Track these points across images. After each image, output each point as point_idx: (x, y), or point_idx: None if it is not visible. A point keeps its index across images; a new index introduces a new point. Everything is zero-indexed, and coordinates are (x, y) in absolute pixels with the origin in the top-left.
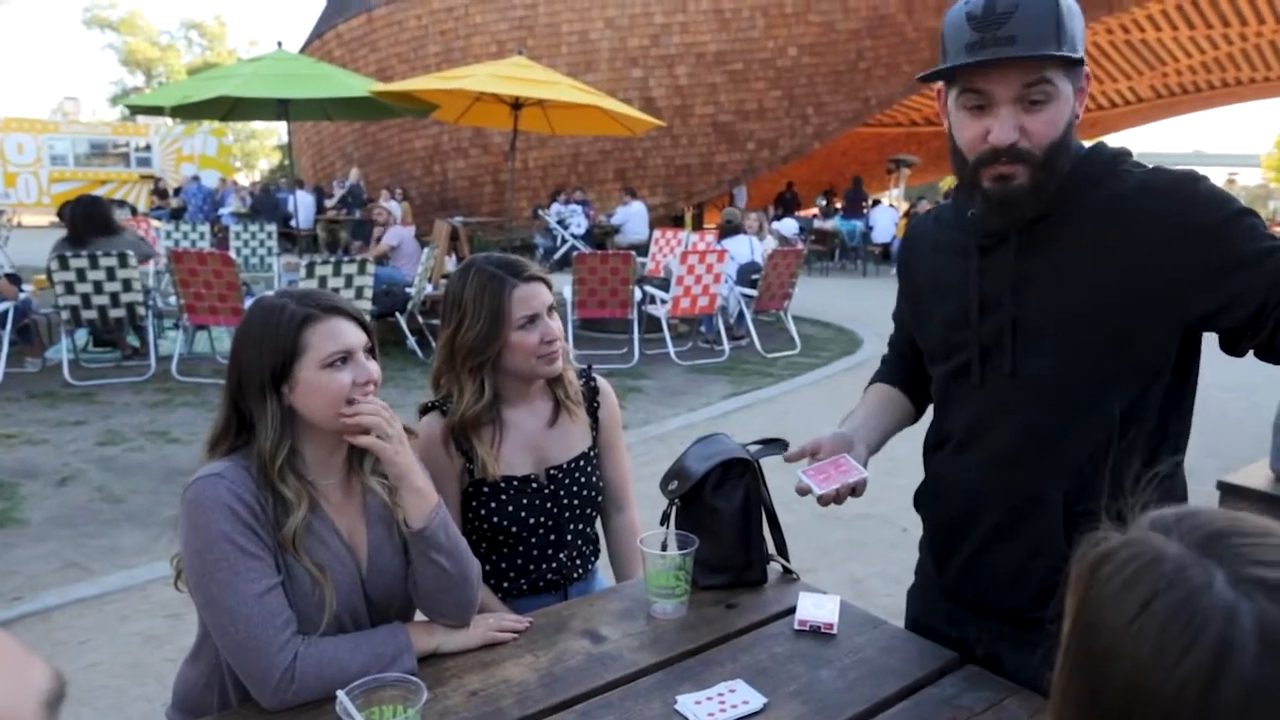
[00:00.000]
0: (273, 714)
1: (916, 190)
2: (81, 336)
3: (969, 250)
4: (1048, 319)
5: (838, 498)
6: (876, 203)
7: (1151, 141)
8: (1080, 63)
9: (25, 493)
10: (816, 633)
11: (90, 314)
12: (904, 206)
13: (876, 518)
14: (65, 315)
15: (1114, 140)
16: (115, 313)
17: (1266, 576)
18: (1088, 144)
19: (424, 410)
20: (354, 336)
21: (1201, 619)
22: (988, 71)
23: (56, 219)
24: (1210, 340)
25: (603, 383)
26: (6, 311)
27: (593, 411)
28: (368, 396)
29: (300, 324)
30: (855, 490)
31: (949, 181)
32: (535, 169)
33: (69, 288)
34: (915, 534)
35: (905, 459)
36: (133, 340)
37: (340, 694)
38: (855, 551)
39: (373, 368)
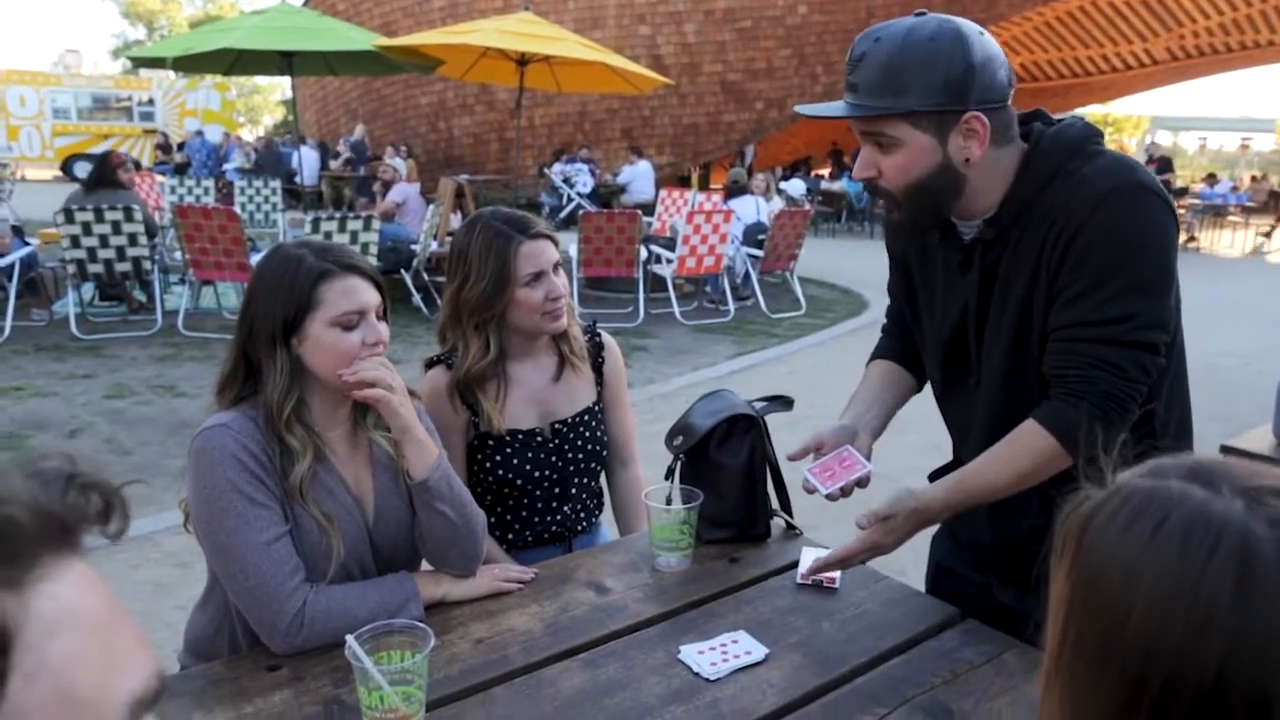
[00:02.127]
0: (281, 658)
1: None
2: (88, 290)
3: (949, 261)
4: (999, 338)
5: (844, 493)
6: None
7: (1165, 105)
8: (951, 112)
9: (35, 444)
10: (819, 587)
11: (96, 268)
12: None
13: (882, 475)
14: (72, 269)
15: (1128, 104)
16: (121, 266)
17: (1265, 485)
18: (1063, 120)
19: (429, 364)
20: (368, 296)
21: (1218, 524)
22: None
23: (60, 173)
24: (1201, 312)
25: (608, 338)
26: (13, 265)
27: (597, 367)
28: (375, 357)
29: (317, 278)
30: (861, 484)
31: None
32: (541, 126)
33: (75, 241)
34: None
35: (910, 416)
36: (139, 295)
37: (350, 638)
38: (860, 508)
39: (383, 329)
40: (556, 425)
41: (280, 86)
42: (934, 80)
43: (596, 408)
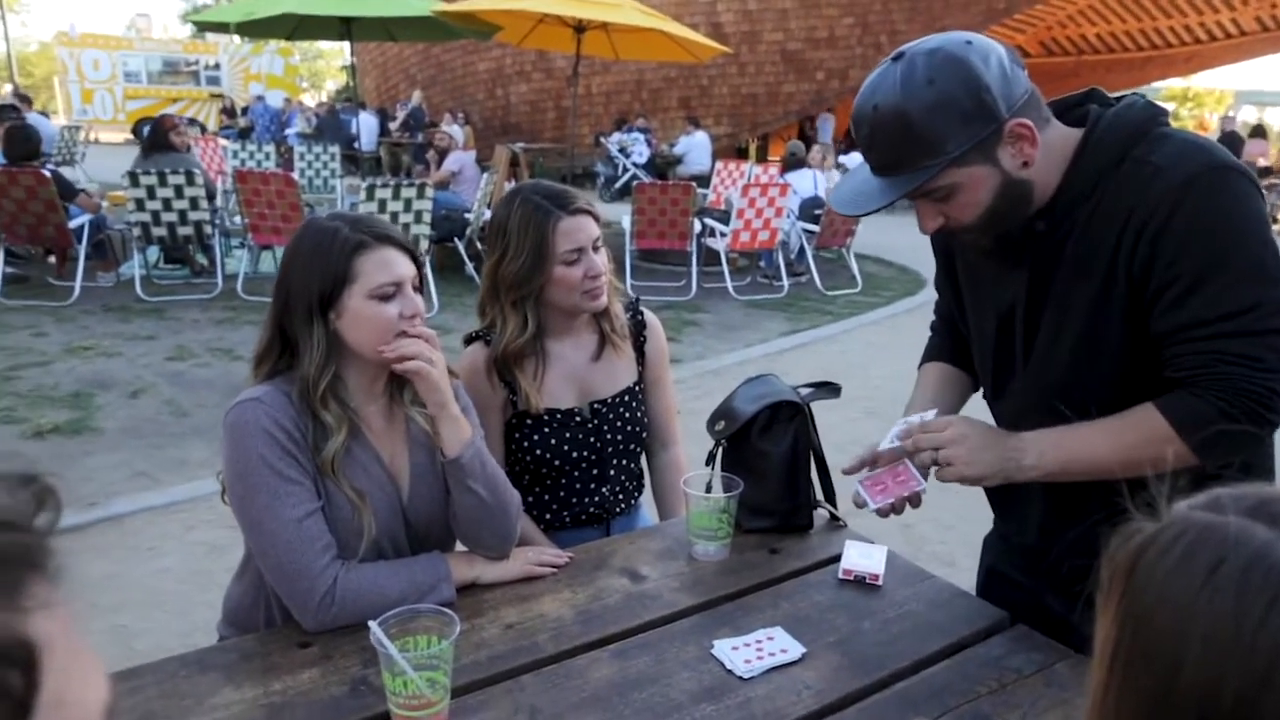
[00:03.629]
0: (313, 635)
1: None
2: (153, 253)
3: (998, 256)
4: (1059, 338)
5: (895, 510)
6: None
7: (1251, 79)
8: (989, 135)
9: (100, 403)
10: (861, 583)
11: (160, 231)
12: None
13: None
14: (137, 232)
15: (1210, 77)
16: (183, 230)
17: None
18: (1121, 98)
19: (468, 340)
20: (404, 268)
21: (1279, 574)
22: None
23: (131, 136)
24: None
25: (650, 317)
26: (83, 226)
27: (639, 346)
28: (415, 329)
29: (353, 251)
30: (913, 501)
31: None
32: (598, 95)
33: (140, 204)
34: None
35: (965, 405)
36: (201, 258)
37: (372, 624)
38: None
39: (419, 301)
40: (596, 405)
41: (342, 52)
42: (954, 122)
43: (637, 388)
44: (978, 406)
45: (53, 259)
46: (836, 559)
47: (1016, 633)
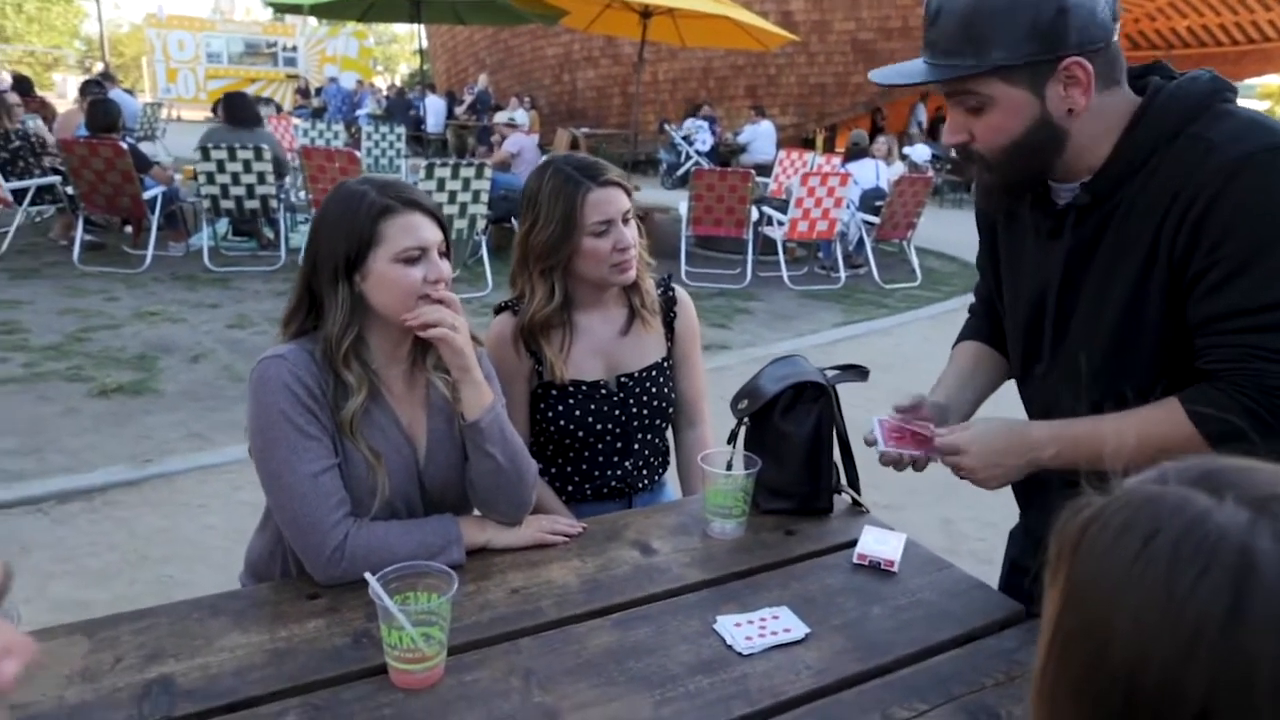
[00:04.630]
0: (322, 588)
1: None
2: (223, 226)
3: (1038, 228)
4: (1096, 319)
5: (897, 462)
6: None
7: None
8: (1046, 61)
9: (162, 366)
10: (876, 569)
11: (228, 204)
12: None
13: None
14: (206, 204)
15: None
16: (250, 204)
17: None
18: (1187, 74)
19: (498, 310)
20: (430, 233)
21: (1215, 539)
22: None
23: (211, 114)
24: None
25: (681, 293)
26: (157, 197)
27: (669, 322)
28: (438, 293)
29: (379, 214)
30: (917, 465)
31: None
32: (665, 81)
33: (210, 178)
34: None
35: (1017, 401)
36: (267, 231)
37: (369, 577)
38: (949, 492)
39: (445, 266)
40: (622, 379)
41: (415, 35)
42: (1021, 28)
43: (665, 364)
44: (1007, 402)
45: (129, 229)
46: (853, 544)
47: (1032, 626)
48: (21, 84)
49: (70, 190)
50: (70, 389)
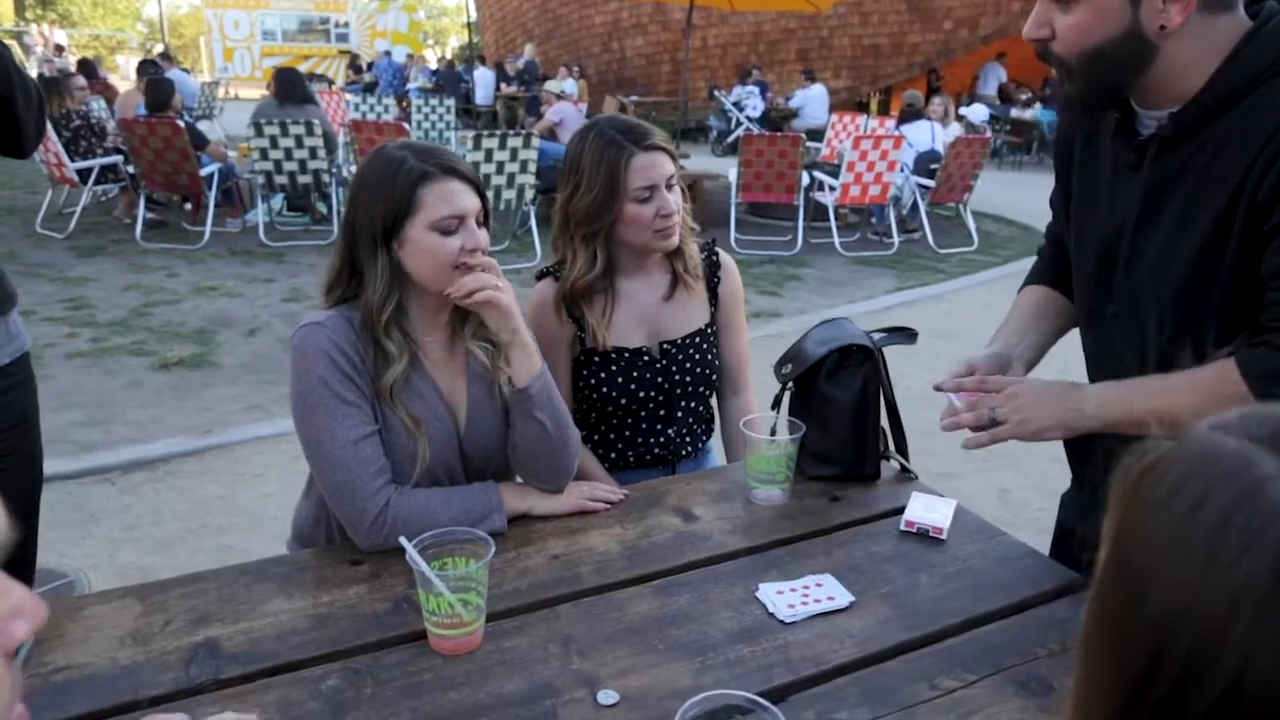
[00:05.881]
0: (365, 554)
1: None
2: (277, 201)
3: (1118, 160)
4: (1169, 261)
5: (976, 420)
6: None
7: None
8: None
9: (221, 339)
10: (924, 536)
11: (281, 179)
12: None
13: None
14: (260, 180)
15: None
16: (303, 179)
17: None
18: None
19: (540, 276)
20: (468, 201)
21: (1264, 515)
22: None
23: (266, 92)
24: None
25: (725, 258)
26: (213, 174)
27: (713, 287)
28: (475, 261)
29: (417, 180)
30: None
31: None
32: (714, 47)
33: (263, 154)
34: None
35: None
36: (321, 206)
37: (405, 542)
38: (1007, 460)
39: (482, 236)
40: (665, 345)
41: (464, 8)
42: None
43: (709, 330)
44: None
45: (189, 206)
46: (900, 511)
47: (1087, 596)
48: (86, 67)
49: (132, 169)
50: (134, 362)
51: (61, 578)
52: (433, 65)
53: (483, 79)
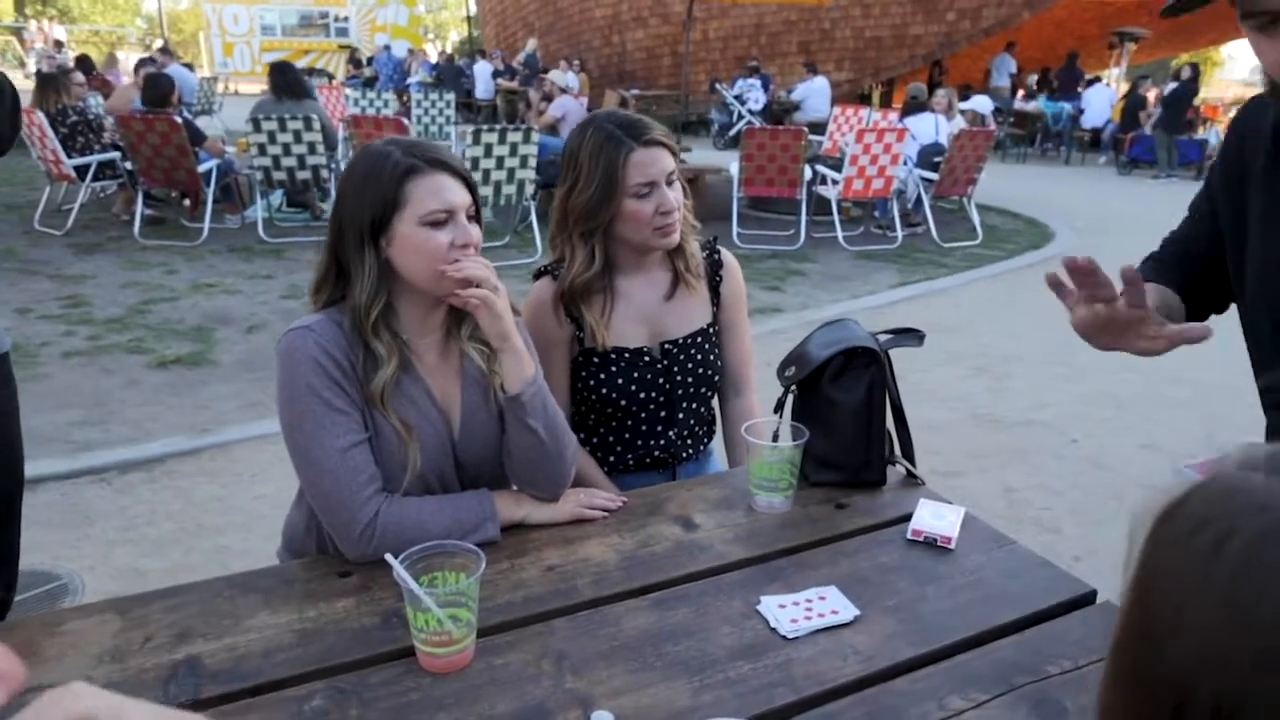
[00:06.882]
0: (353, 565)
1: (1140, 69)
2: (277, 197)
3: None
4: None
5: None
6: (1093, 82)
7: None
8: None
9: (219, 337)
10: (931, 545)
11: (280, 175)
12: (1124, 88)
13: (1042, 424)
14: (259, 176)
15: None
16: (302, 175)
17: None
18: None
19: (537, 275)
20: (457, 195)
21: None
22: None
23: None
24: None
25: (727, 256)
26: (211, 170)
27: (714, 286)
28: (467, 257)
29: (403, 175)
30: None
31: (1182, 59)
32: (715, 40)
33: (261, 149)
34: (1085, 446)
35: (1086, 366)
36: (321, 202)
37: (391, 559)
38: (1013, 459)
39: (474, 231)
40: (666, 345)
41: (465, 2)
42: None
43: (711, 330)
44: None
45: (187, 202)
46: (907, 518)
47: (1103, 609)
48: (84, 64)
49: (129, 165)
50: (132, 361)
51: (55, 580)
52: (433, 60)
53: (482, 73)
